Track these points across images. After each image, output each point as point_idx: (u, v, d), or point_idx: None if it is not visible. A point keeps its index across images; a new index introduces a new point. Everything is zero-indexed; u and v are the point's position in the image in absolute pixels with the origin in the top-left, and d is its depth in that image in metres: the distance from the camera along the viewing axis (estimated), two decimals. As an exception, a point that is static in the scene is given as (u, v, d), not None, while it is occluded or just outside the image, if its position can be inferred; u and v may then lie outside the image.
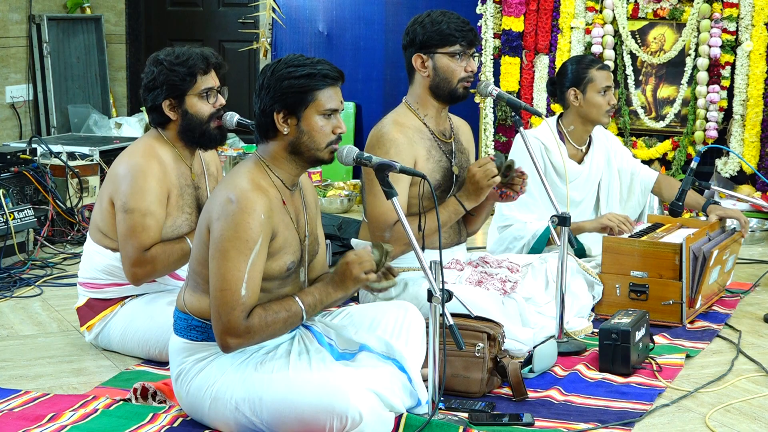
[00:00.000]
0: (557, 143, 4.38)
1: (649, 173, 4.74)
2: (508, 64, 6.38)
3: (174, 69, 3.60)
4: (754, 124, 5.87)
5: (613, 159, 4.68)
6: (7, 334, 4.04)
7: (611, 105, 4.49)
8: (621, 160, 4.72)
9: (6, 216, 4.89)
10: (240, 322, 2.83)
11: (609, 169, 4.67)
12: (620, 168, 4.71)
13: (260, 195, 2.87)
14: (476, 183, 3.64)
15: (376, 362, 3.02)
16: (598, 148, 4.63)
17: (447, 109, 3.87)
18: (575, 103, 4.49)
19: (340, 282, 2.94)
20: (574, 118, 4.54)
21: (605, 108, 4.48)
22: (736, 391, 3.44)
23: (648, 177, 4.73)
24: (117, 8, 8.04)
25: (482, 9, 6.38)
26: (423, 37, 3.73)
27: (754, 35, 5.83)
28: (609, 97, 4.49)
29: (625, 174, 4.72)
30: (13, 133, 7.30)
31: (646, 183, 4.73)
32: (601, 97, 4.48)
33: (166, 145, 3.69)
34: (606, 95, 4.48)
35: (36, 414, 3.13)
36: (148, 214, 3.58)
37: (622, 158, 4.73)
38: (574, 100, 4.49)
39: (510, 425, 3.08)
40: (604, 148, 4.66)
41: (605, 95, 4.48)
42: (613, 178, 4.68)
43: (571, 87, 4.50)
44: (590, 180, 4.60)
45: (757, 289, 4.71)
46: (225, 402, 2.90)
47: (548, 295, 3.92)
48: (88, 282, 3.79)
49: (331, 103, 2.95)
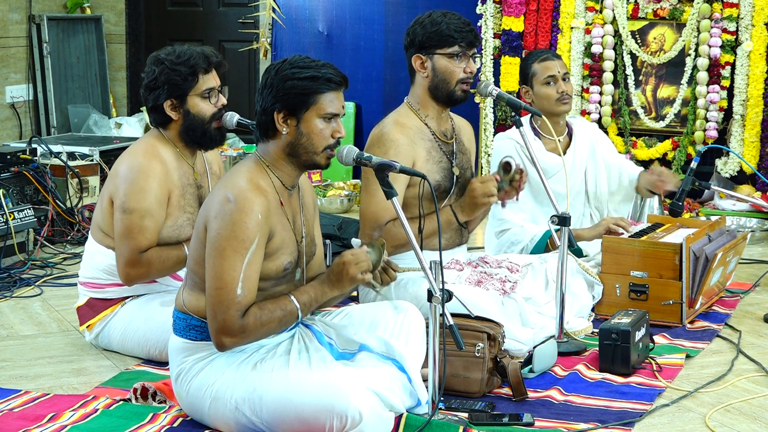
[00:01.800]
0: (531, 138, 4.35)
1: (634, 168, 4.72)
2: (508, 64, 6.38)
3: (176, 68, 3.59)
4: (754, 124, 5.87)
5: (597, 150, 4.64)
6: (7, 334, 4.04)
7: (560, 92, 4.43)
8: (609, 155, 4.68)
9: (6, 216, 4.89)
10: (235, 321, 2.83)
11: (594, 160, 4.63)
12: (609, 163, 4.68)
13: (258, 195, 2.87)
14: (474, 198, 3.66)
15: (376, 362, 3.02)
16: (579, 140, 4.58)
17: (448, 110, 3.87)
18: (528, 100, 4.49)
19: (337, 281, 2.95)
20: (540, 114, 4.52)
21: (554, 97, 4.43)
22: (736, 391, 3.44)
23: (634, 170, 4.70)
24: (117, 8, 8.05)
25: (482, 9, 6.38)
26: (422, 38, 3.73)
27: (754, 35, 5.83)
28: (558, 85, 4.43)
29: (614, 169, 4.70)
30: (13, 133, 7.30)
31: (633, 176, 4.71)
32: (548, 87, 4.44)
33: (168, 145, 3.69)
34: (553, 84, 4.44)
35: (36, 414, 3.13)
36: (146, 216, 3.58)
37: (610, 152, 4.70)
38: (526, 97, 4.49)
39: (510, 425, 3.08)
40: (587, 140, 4.62)
41: (553, 85, 4.44)
42: (599, 170, 4.64)
43: (522, 84, 4.51)
44: (573, 171, 4.55)
45: (757, 289, 4.71)
46: (225, 401, 2.90)
47: (548, 295, 3.91)
48: (89, 282, 3.79)
49: (332, 107, 2.94)
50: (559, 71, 4.46)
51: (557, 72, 4.45)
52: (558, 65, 4.47)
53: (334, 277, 2.95)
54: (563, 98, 4.45)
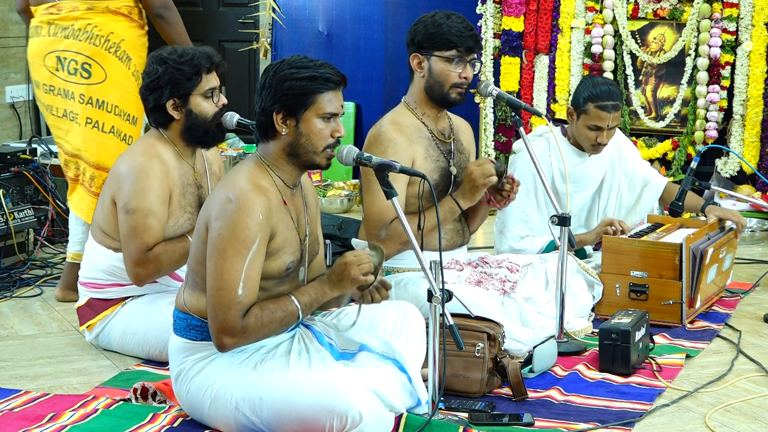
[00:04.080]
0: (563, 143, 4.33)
1: (659, 181, 4.68)
2: (508, 64, 6.38)
3: (179, 68, 3.59)
4: (754, 124, 5.87)
5: (618, 165, 4.62)
6: (7, 334, 4.04)
7: (597, 142, 4.37)
8: (633, 166, 4.66)
9: (6, 216, 4.89)
10: (236, 321, 2.83)
11: (613, 173, 4.62)
12: (631, 174, 4.66)
13: (259, 195, 2.87)
14: (473, 181, 3.63)
15: (376, 362, 3.02)
16: (604, 153, 4.55)
17: (445, 110, 3.87)
18: (570, 121, 4.47)
19: (338, 282, 2.94)
20: (572, 132, 4.51)
21: (591, 142, 4.38)
22: (736, 391, 3.44)
23: (658, 186, 4.68)
24: (117, 8, 8.03)
25: (482, 9, 6.38)
26: (422, 38, 3.72)
27: (754, 35, 5.83)
28: (597, 134, 4.35)
29: (637, 180, 4.67)
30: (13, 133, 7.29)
31: (656, 192, 4.69)
32: (590, 131, 4.37)
33: (167, 145, 3.69)
34: (594, 131, 4.36)
35: (36, 414, 3.13)
36: (150, 215, 3.58)
37: (634, 165, 4.67)
38: (569, 118, 4.46)
39: (510, 425, 3.08)
40: (609, 152, 4.59)
41: (593, 131, 4.36)
42: (615, 182, 4.63)
43: (572, 105, 4.46)
44: (587, 179, 4.55)
45: (757, 289, 4.71)
46: (225, 402, 2.90)
47: (548, 295, 3.91)
48: (89, 282, 3.79)
49: (330, 106, 2.94)
50: (609, 124, 4.35)
51: (606, 125, 4.35)
52: (611, 118, 4.34)
53: (336, 278, 2.94)
54: (597, 148, 4.40)
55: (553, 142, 4.41)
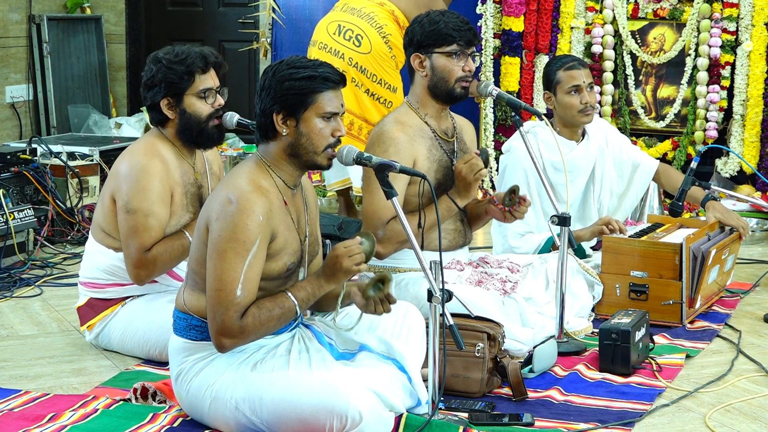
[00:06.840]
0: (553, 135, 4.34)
1: (649, 163, 4.70)
2: (508, 64, 6.38)
3: (172, 67, 3.59)
4: (754, 124, 5.87)
5: (606, 150, 4.64)
6: (7, 334, 4.04)
7: (584, 103, 4.38)
8: (620, 152, 4.68)
9: (6, 216, 4.89)
10: (234, 322, 2.83)
11: (603, 159, 4.63)
12: (620, 161, 4.67)
13: (260, 196, 2.87)
14: (463, 179, 3.64)
15: (376, 362, 3.02)
16: (593, 140, 4.58)
17: (448, 109, 3.87)
18: (550, 106, 4.47)
19: (331, 275, 2.94)
20: (557, 121, 4.52)
21: (577, 108, 4.39)
22: (736, 391, 3.44)
23: (648, 168, 4.70)
24: (117, 8, 8.05)
25: (482, 9, 6.38)
26: (421, 37, 3.73)
27: (754, 35, 5.83)
28: (582, 96, 4.38)
29: (626, 166, 4.69)
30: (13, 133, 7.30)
31: (647, 174, 4.70)
32: (572, 96, 4.39)
33: (168, 144, 3.69)
34: (577, 95, 4.39)
35: (36, 414, 3.13)
36: (150, 214, 3.58)
37: (621, 149, 4.68)
38: (548, 103, 4.47)
39: (510, 425, 3.08)
40: (597, 140, 4.61)
41: (577, 95, 4.39)
42: (606, 169, 4.64)
43: (545, 90, 4.48)
44: (579, 168, 4.56)
45: (757, 289, 4.71)
46: (225, 402, 2.90)
47: (548, 295, 3.92)
48: (90, 282, 3.79)
49: (330, 105, 2.94)
50: (584, 81, 4.39)
51: (582, 82, 4.39)
52: (584, 74, 4.40)
53: (329, 271, 2.94)
54: (586, 110, 4.40)
55: (541, 135, 4.43)
